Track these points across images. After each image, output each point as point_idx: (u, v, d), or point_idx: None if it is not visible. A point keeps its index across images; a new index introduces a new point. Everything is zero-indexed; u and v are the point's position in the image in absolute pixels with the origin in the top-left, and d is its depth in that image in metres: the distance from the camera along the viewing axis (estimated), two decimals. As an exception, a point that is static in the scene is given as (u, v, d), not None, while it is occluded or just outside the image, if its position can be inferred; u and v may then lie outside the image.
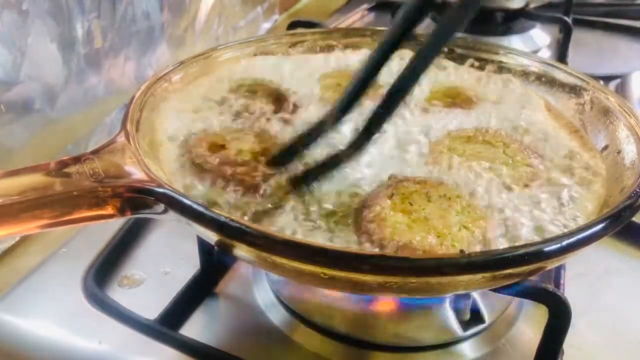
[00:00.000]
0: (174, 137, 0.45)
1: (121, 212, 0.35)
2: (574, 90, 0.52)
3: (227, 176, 0.40)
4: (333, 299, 0.43)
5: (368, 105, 0.40)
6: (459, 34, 0.60)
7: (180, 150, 0.44)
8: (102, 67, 0.62)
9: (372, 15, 1.08)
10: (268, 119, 0.48)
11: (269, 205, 0.39)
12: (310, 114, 0.48)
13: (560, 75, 0.53)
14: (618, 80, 0.80)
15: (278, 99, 0.51)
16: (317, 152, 0.41)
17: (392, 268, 0.31)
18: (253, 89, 0.52)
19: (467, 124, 0.49)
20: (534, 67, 0.55)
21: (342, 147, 0.40)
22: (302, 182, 0.39)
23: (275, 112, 0.49)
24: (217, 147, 0.44)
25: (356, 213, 0.38)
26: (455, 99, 0.53)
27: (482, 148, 0.46)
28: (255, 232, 0.32)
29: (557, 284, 0.47)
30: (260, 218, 0.38)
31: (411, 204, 0.39)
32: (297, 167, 0.41)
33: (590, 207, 0.40)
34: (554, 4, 0.95)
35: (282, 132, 0.46)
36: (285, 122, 0.48)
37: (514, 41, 0.87)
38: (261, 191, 0.40)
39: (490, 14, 0.88)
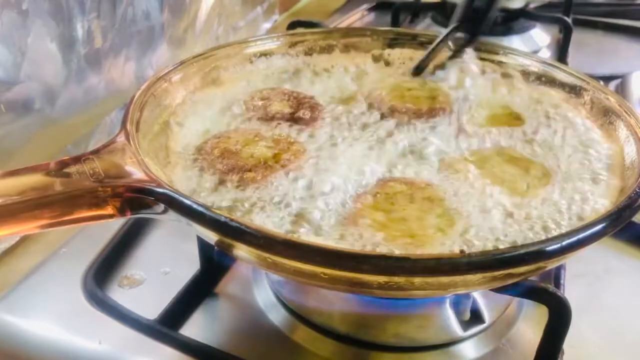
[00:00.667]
0: (189, 142, 0.45)
1: (121, 212, 0.35)
2: (574, 90, 0.52)
3: (233, 181, 0.40)
4: (333, 299, 0.43)
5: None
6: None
7: (194, 155, 0.44)
8: (102, 67, 0.62)
9: (372, 15, 1.08)
10: (283, 123, 0.48)
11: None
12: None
13: (561, 75, 0.53)
14: (618, 80, 0.80)
15: (295, 103, 0.51)
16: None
17: (392, 268, 0.31)
18: (270, 95, 0.52)
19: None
20: (534, 67, 0.55)
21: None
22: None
23: (292, 115, 0.49)
24: (230, 152, 0.43)
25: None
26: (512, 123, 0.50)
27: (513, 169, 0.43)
28: (255, 232, 0.32)
29: (557, 284, 0.47)
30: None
31: (392, 204, 0.39)
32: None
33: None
34: (554, 4, 0.95)
35: (298, 136, 0.47)
36: (300, 128, 0.48)
37: (514, 41, 0.87)
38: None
39: (491, 13, 0.88)
